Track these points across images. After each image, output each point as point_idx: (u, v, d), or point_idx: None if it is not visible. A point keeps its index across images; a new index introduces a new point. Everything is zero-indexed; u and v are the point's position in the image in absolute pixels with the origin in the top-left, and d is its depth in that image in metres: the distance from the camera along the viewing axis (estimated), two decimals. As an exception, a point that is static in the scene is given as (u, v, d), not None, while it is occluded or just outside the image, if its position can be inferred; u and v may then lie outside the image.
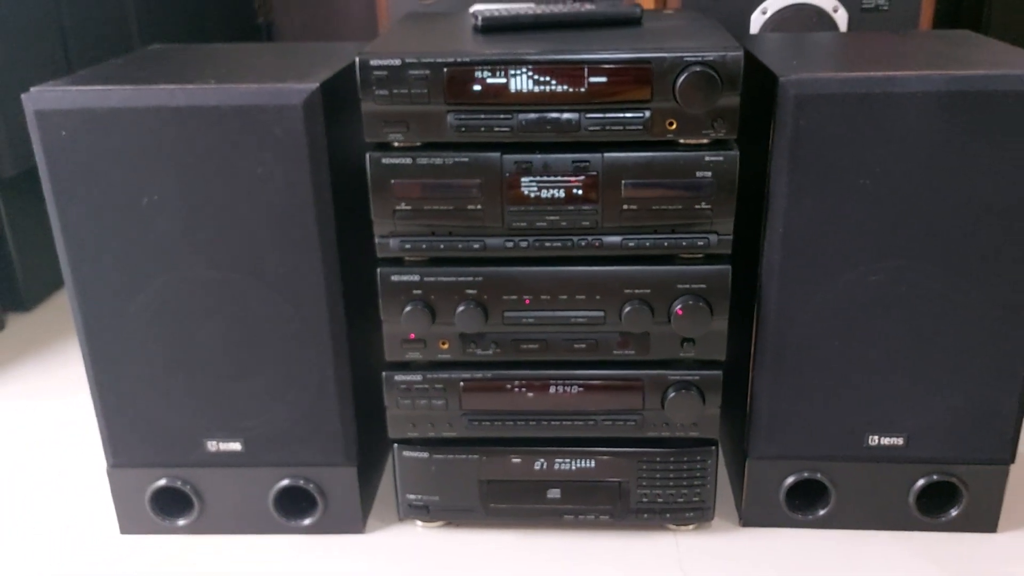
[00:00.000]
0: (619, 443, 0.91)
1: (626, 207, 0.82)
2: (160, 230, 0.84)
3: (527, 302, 0.86)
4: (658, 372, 0.88)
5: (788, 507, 0.94)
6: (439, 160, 0.82)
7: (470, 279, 0.85)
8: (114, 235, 0.84)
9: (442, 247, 0.84)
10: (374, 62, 0.79)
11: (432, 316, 0.86)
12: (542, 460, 0.92)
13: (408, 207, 0.83)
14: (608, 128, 0.80)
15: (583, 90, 0.79)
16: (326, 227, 0.84)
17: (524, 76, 0.79)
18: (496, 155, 0.81)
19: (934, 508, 0.93)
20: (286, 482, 0.94)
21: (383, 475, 1.06)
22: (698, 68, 0.77)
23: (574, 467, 0.92)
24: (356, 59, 0.79)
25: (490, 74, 0.79)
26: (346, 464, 0.93)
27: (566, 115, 0.80)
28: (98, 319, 0.87)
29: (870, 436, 0.91)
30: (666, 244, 0.84)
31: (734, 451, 1.00)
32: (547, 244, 0.84)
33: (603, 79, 0.79)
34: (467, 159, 0.81)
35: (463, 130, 0.80)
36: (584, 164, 0.81)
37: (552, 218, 0.83)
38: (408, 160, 0.82)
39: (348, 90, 0.83)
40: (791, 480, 0.93)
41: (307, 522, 0.96)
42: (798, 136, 0.80)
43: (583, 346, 0.88)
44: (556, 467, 0.92)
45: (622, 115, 0.80)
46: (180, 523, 0.96)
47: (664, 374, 0.88)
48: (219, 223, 0.83)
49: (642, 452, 0.91)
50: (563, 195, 0.82)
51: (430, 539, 0.96)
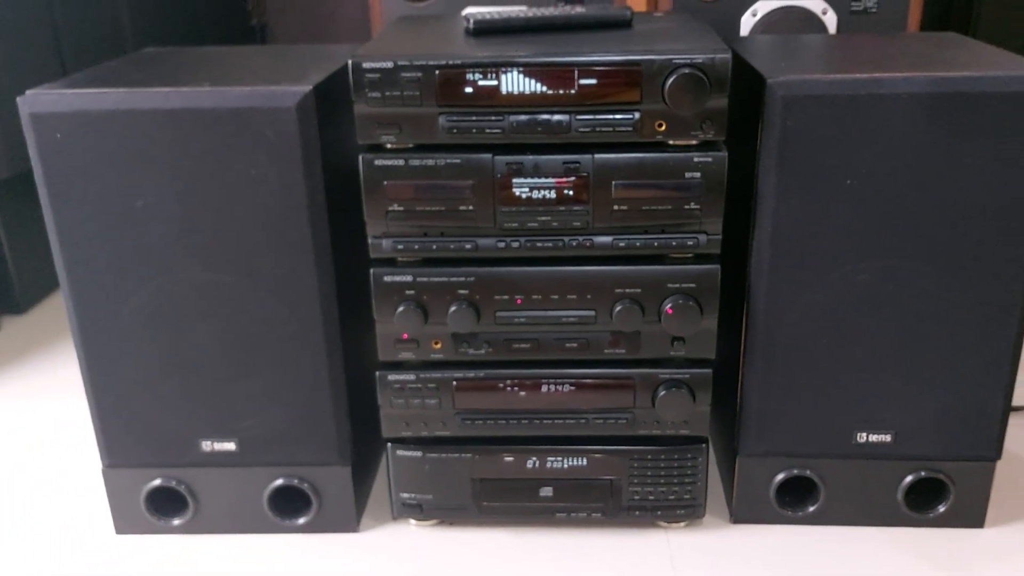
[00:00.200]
0: (611, 441, 0.92)
1: (616, 208, 0.83)
2: (155, 232, 0.84)
3: (519, 302, 0.87)
4: (649, 371, 0.89)
5: (778, 504, 0.95)
6: (431, 161, 0.82)
7: (462, 279, 0.86)
8: (109, 237, 0.84)
9: (434, 248, 0.85)
10: (367, 64, 0.79)
11: (425, 316, 0.86)
12: (534, 459, 0.93)
13: (401, 208, 0.84)
14: (598, 129, 0.81)
15: (574, 92, 0.80)
16: (320, 228, 0.85)
17: (515, 78, 0.79)
18: (488, 156, 0.82)
19: (922, 504, 0.94)
20: (280, 482, 0.94)
21: (377, 474, 1.07)
22: (687, 70, 0.78)
23: (566, 465, 0.93)
24: (349, 61, 0.80)
25: (481, 76, 0.79)
26: (340, 463, 0.94)
27: (557, 117, 0.81)
28: (93, 321, 0.87)
29: (859, 433, 0.91)
30: (656, 244, 0.84)
31: (724, 449, 1.01)
32: (538, 244, 0.85)
33: (593, 81, 0.79)
34: (459, 160, 0.82)
35: (455, 132, 0.81)
36: (575, 165, 0.82)
37: (543, 219, 0.84)
38: (400, 161, 0.82)
39: (341, 92, 0.84)
40: (781, 477, 0.94)
41: (301, 521, 0.96)
42: (786, 137, 0.81)
43: (574, 345, 0.88)
44: (548, 465, 0.93)
45: (612, 117, 0.80)
46: (175, 523, 0.96)
47: (655, 373, 0.89)
48: (213, 225, 0.84)
49: (633, 450, 0.92)
50: (554, 196, 0.83)
51: (424, 538, 0.97)
